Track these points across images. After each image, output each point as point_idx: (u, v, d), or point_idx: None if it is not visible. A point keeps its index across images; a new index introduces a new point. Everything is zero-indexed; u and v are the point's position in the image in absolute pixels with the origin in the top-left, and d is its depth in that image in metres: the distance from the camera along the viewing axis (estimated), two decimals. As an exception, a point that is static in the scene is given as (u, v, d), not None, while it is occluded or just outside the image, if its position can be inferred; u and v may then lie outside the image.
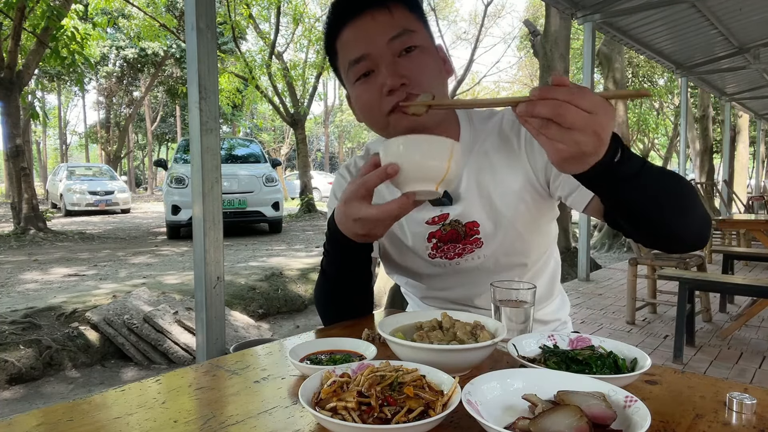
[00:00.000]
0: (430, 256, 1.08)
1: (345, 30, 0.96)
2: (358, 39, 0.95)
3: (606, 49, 9.36)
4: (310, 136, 38.41)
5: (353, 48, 0.95)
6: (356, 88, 0.98)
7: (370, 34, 0.93)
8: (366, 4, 0.94)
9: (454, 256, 1.07)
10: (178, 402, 0.67)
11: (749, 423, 0.59)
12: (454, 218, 1.04)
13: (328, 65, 6.39)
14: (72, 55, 8.56)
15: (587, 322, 4.07)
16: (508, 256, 1.07)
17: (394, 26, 0.93)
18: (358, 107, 1.01)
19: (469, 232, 1.05)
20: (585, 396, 0.57)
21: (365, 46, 0.94)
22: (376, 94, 0.94)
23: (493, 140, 1.05)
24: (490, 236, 1.05)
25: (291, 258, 6.73)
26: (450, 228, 1.05)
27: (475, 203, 1.04)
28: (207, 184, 2.40)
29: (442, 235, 1.05)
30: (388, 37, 0.93)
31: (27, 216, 9.40)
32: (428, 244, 1.06)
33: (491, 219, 1.04)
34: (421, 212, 1.05)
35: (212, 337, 2.47)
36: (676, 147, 18.92)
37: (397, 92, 0.92)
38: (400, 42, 0.93)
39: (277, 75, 13.49)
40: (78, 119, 54.06)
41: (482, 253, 1.06)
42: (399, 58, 0.93)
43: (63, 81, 25.34)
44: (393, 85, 0.91)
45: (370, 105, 0.96)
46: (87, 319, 3.82)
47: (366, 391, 0.58)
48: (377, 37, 0.93)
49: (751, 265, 6.34)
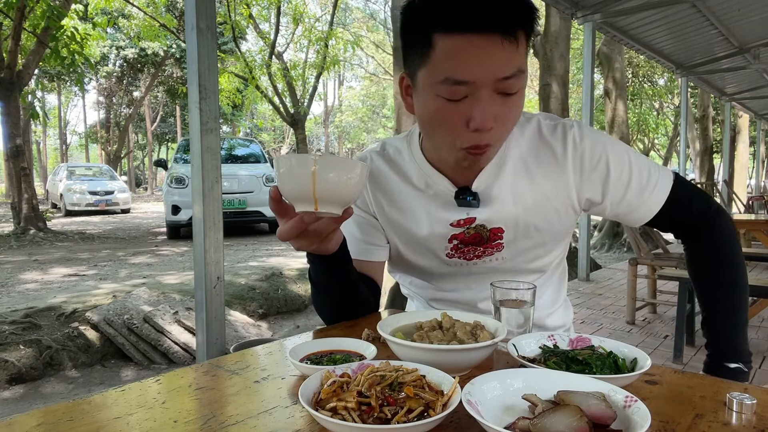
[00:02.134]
0: (448, 256, 1.05)
1: (457, 37, 0.81)
2: (470, 61, 0.81)
3: (606, 49, 9.36)
4: (310, 136, 38.43)
5: (460, 66, 0.81)
6: (439, 102, 0.85)
7: (486, 65, 0.81)
8: (496, 23, 0.80)
9: (473, 258, 1.05)
10: (178, 402, 0.67)
11: (749, 423, 0.59)
12: (480, 223, 1.01)
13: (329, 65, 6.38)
14: (72, 55, 8.56)
15: (587, 322, 4.07)
16: (526, 263, 1.07)
17: (512, 64, 0.82)
18: (431, 120, 0.89)
19: (493, 237, 1.02)
20: (585, 396, 0.57)
21: (474, 73, 0.81)
22: (459, 120, 0.85)
23: (531, 145, 1.00)
24: (512, 241, 1.03)
25: (291, 258, 6.73)
26: (474, 232, 1.02)
27: (505, 209, 1.00)
28: (207, 184, 2.39)
29: (465, 238, 1.02)
30: (501, 75, 0.82)
31: (27, 216, 9.40)
32: (448, 245, 1.04)
33: (518, 226, 1.01)
34: (447, 212, 1.02)
35: (212, 337, 2.47)
36: (676, 147, 18.91)
37: (482, 134, 0.85)
38: (508, 84, 0.83)
39: (277, 75, 13.48)
40: (78, 119, 54.07)
41: (501, 255, 1.05)
42: (498, 95, 0.84)
43: (63, 81, 25.34)
44: (483, 126, 0.83)
45: (447, 128, 0.87)
46: (87, 319, 3.82)
47: (366, 391, 0.58)
48: (491, 71, 0.81)
49: (751, 265, 6.34)
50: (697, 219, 1.02)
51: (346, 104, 40.01)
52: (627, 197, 0.99)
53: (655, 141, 26.98)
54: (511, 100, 0.85)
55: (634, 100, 18.89)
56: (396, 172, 1.06)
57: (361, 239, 1.08)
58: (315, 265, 0.96)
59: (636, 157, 1.00)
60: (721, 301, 0.99)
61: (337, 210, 0.73)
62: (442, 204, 1.02)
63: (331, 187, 0.70)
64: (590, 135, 0.98)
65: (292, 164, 0.71)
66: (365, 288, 1.05)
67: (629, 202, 0.99)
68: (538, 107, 7.65)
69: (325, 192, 0.70)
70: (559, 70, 6.90)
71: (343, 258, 0.95)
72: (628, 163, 0.98)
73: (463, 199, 0.99)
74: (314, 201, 0.70)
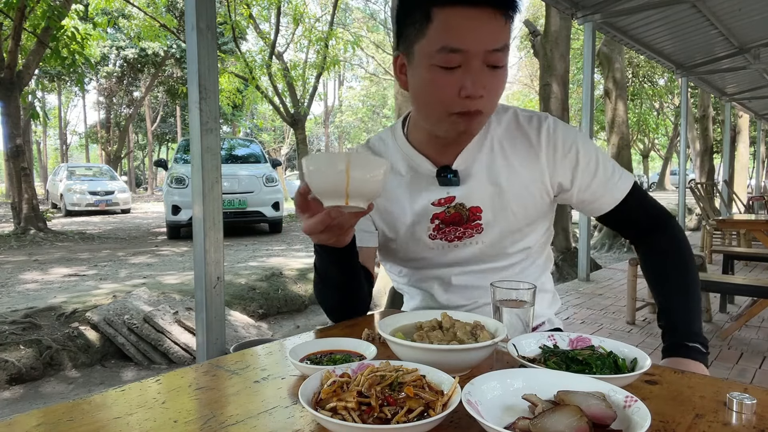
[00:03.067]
0: (431, 237, 1.10)
1: (455, 8, 0.89)
2: (466, 31, 0.89)
3: (606, 49, 9.36)
4: (311, 137, 38.43)
5: (456, 35, 0.89)
6: (433, 71, 0.92)
7: (479, 35, 0.89)
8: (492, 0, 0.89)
9: (454, 239, 1.10)
10: (178, 402, 0.67)
11: (749, 423, 0.59)
12: (459, 201, 1.07)
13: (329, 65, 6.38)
14: (72, 55, 8.57)
15: (587, 322, 4.07)
16: (505, 247, 1.11)
17: (501, 38, 0.91)
18: (424, 89, 0.96)
19: (472, 216, 1.08)
20: (585, 396, 0.57)
21: (469, 42, 0.89)
22: (452, 89, 0.92)
23: (508, 131, 1.08)
24: (491, 223, 1.08)
25: (291, 258, 6.73)
26: (454, 211, 1.08)
27: (481, 187, 1.06)
28: (207, 184, 2.39)
29: (445, 217, 1.08)
30: (492, 47, 0.90)
31: (27, 216, 9.40)
32: (430, 225, 1.09)
33: (495, 206, 1.07)
34: (428, 192, 1.08)
35: (212, 337, 2.47)
36: (676, 147, 18.91)
37: (473, 101, 0.91)
38: (497, 57, 0.91)
39: (278, 75, 13.49)
40: (78, 119, 54.13)
41: (481, 239, 1.10)
42: (487, 67, 0.91)
43: (63, 81, 25.34)
44: (474, 93, 0.90)
45: (440, 96, 0.94)
46: (87, 319, 3.82)
47: (366, 391, 0.58)
48: (484, 41, 0.89)
49: (751, 265, 6.33)
50: (654, 218, 1.11)
51: (346, 104, 40.01)
52: (593, 185, 1.07)
53: (655, 141, 26.99)
54: (499, 73, 0.93)
55: (634, 100, 18.90)
56: None
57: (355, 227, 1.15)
58: (325, 257, 1.00)
59: (602, 154, 1.09)
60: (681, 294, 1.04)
61: (364, 204, 0.79)
62: (424, 185, 1.09)
63: (361, 183, 0.75)
64: (563, 127, 1.08)
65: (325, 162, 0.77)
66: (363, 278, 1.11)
67: (594, 191, 1.07)
68: (539, 107, 7.65)
69: (355, 187, 0.75)
70: (559, 70, 6.89)
71: (353, 250, 1.01)
72: (595, 155, 1.08)
73: (444, 177, 1.06)
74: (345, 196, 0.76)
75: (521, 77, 32.34)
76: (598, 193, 1.07)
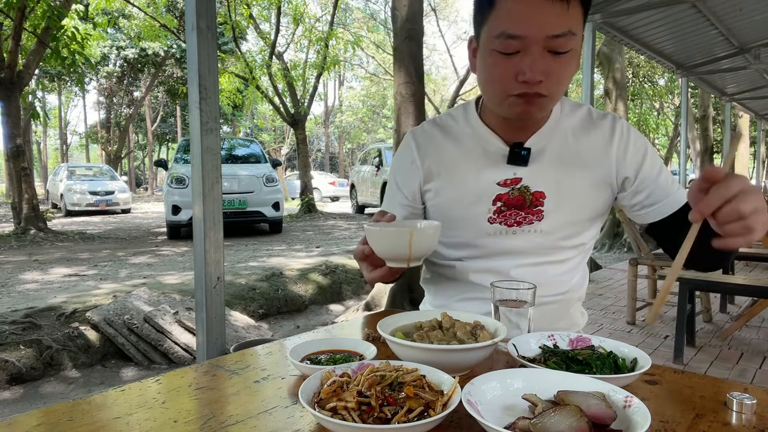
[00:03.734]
0: (490, 221, 1.09)
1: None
2: (524, 17, 0.90)
3: (606, 49, 9.36)
4: (311, 137, 38.44)
5: (515, 22, 0.91)
6: (493, 56, 0.95)
7: (538, 20, 0.90)
8: None
9: (513, 224, 1.09)
10: (178, 402, 0.67)
11: (749, 423, 0.59)
12: (525, 184, 1.07)
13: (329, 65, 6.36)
14: (72, 55, 8.56)
15: (587, 322, 4.07)
16: (563, 239, 1.10)
17: (563, 24, 0.90)
18: (486, 74, 0.99)
19: (535, 201, 1.07)
20: (585, 396, 0.57)
21: (527, 28, 0.90)
22: (510, 73, 0.94)
23: (582, 122, 1.10)
24: (552, 211, 1.07)
25: (291, 258, 6.73)
26: (518, 194, 1.07)
27: (548, 172, 1.07)
28: (207, 184, 2.39)
29: (508, 199, 1.08)
30: (552, 32, 0.90)
31: (27, 216, 9.40)
32: (492, 206, 1.08)
33: (558, 194, 1.07)
34: (495, 171, 1.08)
35: (212, 337, 2.47)
36: (677, 147, 18.91)
37: (532, 85, 0.93)
38: (558, 42, 0.91)
39: (278, 75, 13.49)
40: (78, 119, 54.11)
41: (540, 227, 1.08)
42: (548, 53, 0.92)
43: (63, 81, 25.35)
44: (531, 79, 0.92)
45: (499, 79, 0.96)
46: (87, 319, 3.82)
47: (366, 391, 0.58)
48: (543, 27, 0.90)
49: (752, 265, 6.33)
50: None
51: (347, 104, 39.99)
52: (655, 186, 1.08)
53: (655, 141, 27.00)
54: (562, 59, 0.93)
55: (634, 100, 18.89)
56: (447, 136, 1.15)
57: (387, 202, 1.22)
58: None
59: (665, 166, 1.13)
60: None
61: (420, 262, 0.92)
62: (493, 162, 1.09)
63: (420, 251, 0.88)
64: (635, 131, 1.12)
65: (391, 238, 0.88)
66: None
67: (655, 192, 1.08)
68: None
69: (417, 255, 0.88)
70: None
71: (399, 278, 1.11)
72: (660, 162, 1.12)
73: (516, 153, 1.06)
74: (407, 261, 0.89)
75: (521, 77, 32.26)
76: (659, 195, 1.08)
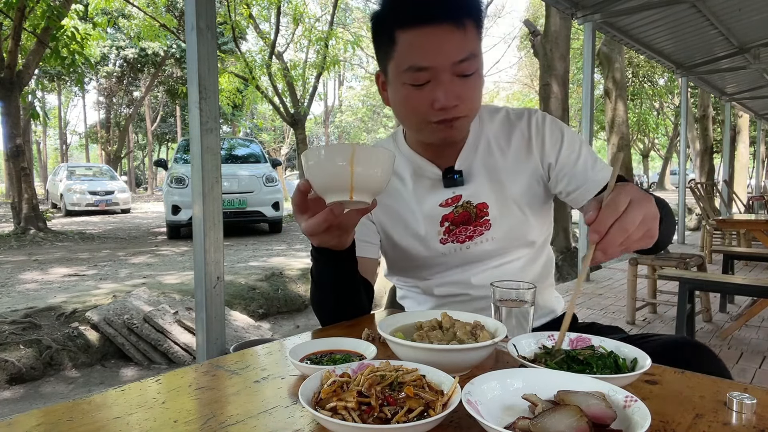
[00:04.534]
0: (442, 242, 1.11)
1: (414, 30, 0.94)
2: (427, 49, 0.94)
3: (606, 49, 9.36)
4: (311, 136, 38.41)
5: (419, 55, 0.94)
6: (405, 89, 0.98)
7: (441, 51, 0.93)
8: (445, 14, 0.93)
9: (465, 239, 1.11)
10: (178, 402, 0.67)
11: (749, 423, 0.59)
12: (466, 200, 1.10)
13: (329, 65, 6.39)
14: (72, 55, 8.56)
15: (587, 322, 4.07)
16: (514, 239, 1.12)
17: (463, 49, 0.94)
18: (402, 106, 1.02)
19: (480, 213, 1.10)
20: (585, 396, 0.57)
21: (432, 59, 0.94)
22: (425, 104, 0.97)
23: (502, 127, 1.13)
24: (498, 217, 1.10)
25: (291, 258, 6.73)
26: (462, 210, 1.10)
27: (484, 184, 1.10)
28: (207, 184, 2.39)
29: (454, 218, 1.10)
30: (456, 59, 0.94)
31: (27, 216, 9.40)
32: (440, 228, 1.11)
33: (499, 200, 1.10)
34: (435, 194, 1.11)
35: (212, 337, 2.47)
36: (676, 147, 18.91)
37: (448, 110, 0.96)
38: (464, 66, 0.95)
39: (278, 75, 13.48)
40: (78, 119, 54.13)
41: (491, 235, 1.11)
42: (457, 77, 0.96)
43: (63, 81, 25.34)
44: (447, 105, 0.95)
45: (415, 111, 0.99)
46: (87, 319, 3.82)
47: (366, 391, 0.58)
48: (447, 56, 0.94)
49: (751, 265, 6.33)
50: None
51: (346, 104, 40.00)
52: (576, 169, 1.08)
53: (655, 141, 27.00)
54: (470, 80, 0.97)
55: (634, 100, 18.89)
56: None
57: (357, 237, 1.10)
58: (322, 261, 0.98)
59: (586, 145, 1.14)
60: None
61: (368, 199, 0.76)
62: (430, 187, 1.12)
63: (367, 175, 0.72)
64: (551, 119, 1.13)
65: (329, 154, 0.73)
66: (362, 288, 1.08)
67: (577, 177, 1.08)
68: (539, 107, 7.65)
69: (361, 181, 0.72)
70: (559, 70, 6.89)
71: (352, 255, 1.00)
72: (578, 146, 1.11)
73: (450, 178, 1.10)
74: (350, 189, 0.72)
75: (521, 77, 32.34)
76: (580, 179, 1.08)
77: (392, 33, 0.96)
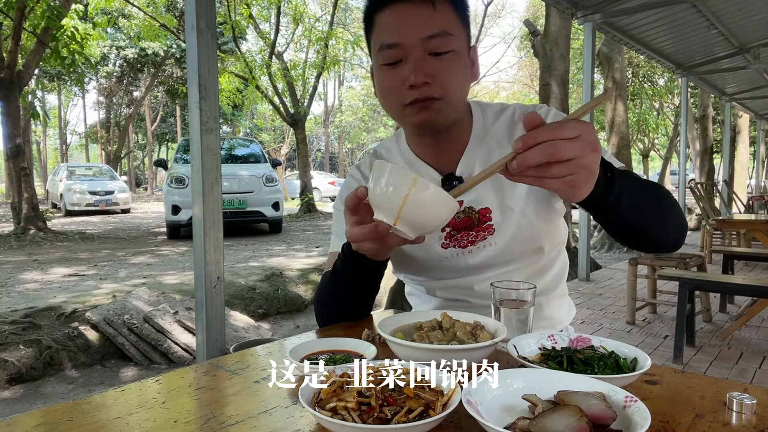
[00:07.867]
0: (443, 247, 1.08)
1: (386, 9, 0.96)
2: (395, 25, 0.95)
3: (606, 49, 9.35)
4: (310, 137, 38.41)
5: (388, 32, 0.95)
6: (382, 71, 0.99)
7: (408, 25, 0.93)
8: None
9: (467, 244, 1.08)
10: (178, 402, 0.67)
11: (749, 423, 0.59)
12: (468, 205, 1.07)
13: (329, 65, 6.44)
14: (72, 55, 8.56)
15: (587, 322, 4.07)
16: (519, 245, 1.08)
17: (434, 25, 0.93)
18: (380, 90, 1.02)
19: (482, 218, 1.07)
20: (585, 396, 0.57)
21: (400, 35, 0.94)
22: (399, 83, 0.95)
23: (507, 128, 1.09)
24: (501, 223, 1.06)
25: (291, 258, 6.73)
26: (464, 216, 1.07)
27: (487, 189, 1.06)
28: (207, 184, 2.40)
29: (455, 224, 1.07)
30: (425, 34, 0.93)
31: (27, 216, 9.40)
32: (441, 233, 1.08)
33: (502, 205, 1.06)
34: None
35: (212, 337, 2.47)
36: (676, 147, 18.91)
37: (419, 89, 0.94)
38: (435, 43, 0.93)
39: (277, 75, 13.48)
40: (78, 119, 54.16)
41: (494, 240, 1.07)
42: (429, 56, 0.94)
43: (63, 81, 25.33)
44: (416, 82, 0.93)
45: (390, 92, 0.98)
46: (87, 319, 3.82)
47: (366, 391, 0.58)
48: (414, 30, 0.93)
49: (751, 265, 6.34)
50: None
51: (346, 104, 39.98)
52: None
53: (655, 141, 26.99)
54: (444, 59, 0.94)
55: (634, 100, 18.88)
56: None
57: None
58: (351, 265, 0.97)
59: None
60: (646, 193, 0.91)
61: (411, 234, 0.74)
62: None
63: (417, 213, 0.71)
64: (555, 113, 1.08)
65: (391, 174, 0.71)
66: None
67: None
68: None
69: (409, 214, 0.71)
70: (559, 70, 6.89)
71: (383, 268, 0.99)
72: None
73: (450, 185, 1.05)
74: (396, 217, 0.72)
75: (521, 77, 32.34)
76: None
77: (372, 18, 0.98)
